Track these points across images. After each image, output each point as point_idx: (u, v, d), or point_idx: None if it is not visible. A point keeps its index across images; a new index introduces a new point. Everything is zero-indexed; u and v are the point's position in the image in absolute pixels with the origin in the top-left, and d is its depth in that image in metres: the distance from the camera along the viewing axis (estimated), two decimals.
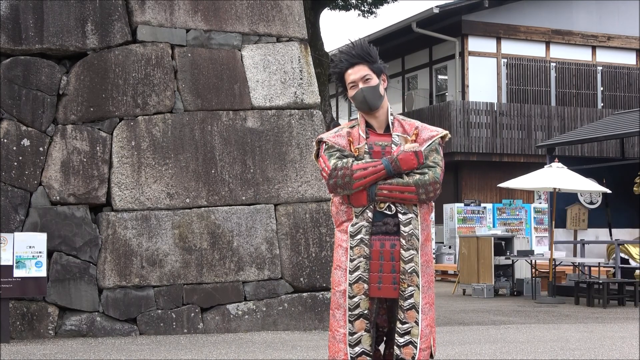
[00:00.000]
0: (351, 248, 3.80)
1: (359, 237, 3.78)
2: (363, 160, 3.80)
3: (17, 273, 8.07)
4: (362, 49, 3.90)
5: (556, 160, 14.41)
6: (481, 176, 23.07)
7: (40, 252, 8.17)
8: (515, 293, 14.85)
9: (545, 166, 14.63)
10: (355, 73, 3.89)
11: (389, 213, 3.79)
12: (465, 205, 21.03)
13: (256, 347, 7.80)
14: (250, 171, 9.18)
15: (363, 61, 3.89)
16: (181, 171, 8.97)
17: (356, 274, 3.78)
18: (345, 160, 3.80)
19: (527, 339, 8.55)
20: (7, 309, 8.01)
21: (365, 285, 3.77)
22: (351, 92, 3.91)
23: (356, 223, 3.80)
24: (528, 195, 22.74)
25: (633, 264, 14.34)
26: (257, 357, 7.17)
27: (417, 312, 3.77)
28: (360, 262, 3.78)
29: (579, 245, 15.45)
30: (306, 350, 7.51)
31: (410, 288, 3.77)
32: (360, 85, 3.87)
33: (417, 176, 3.78)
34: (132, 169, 8.83)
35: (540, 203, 21.99)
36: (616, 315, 11.52)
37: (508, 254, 14.99)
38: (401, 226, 3.78)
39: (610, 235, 15.97)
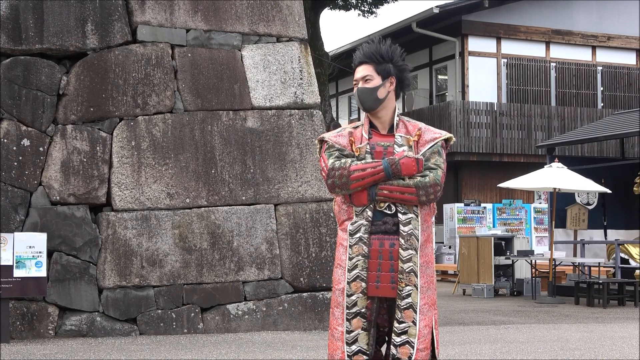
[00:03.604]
0: (350, 246, 3.81)
1: (357, 235, 3.80)
2: (363, 161, 3.80)
3: (17, 273, 8.07)
4: (374, 49, 3.90)
5: (556, 160, 14.41)
6: (481, 176, 23.06)
7: (40, 252, 8.17)
8: (515, 293, 14.85)
9: (545, 166, 14.62)
10: (359, 72, 3.92)
11: (389, 212, 3.80)
12: (465, 205, 21.02)
13: (256, 347, 7.80)
14: (250, 171, 9.18)
15: (370, 61, 3.90)
16: (181, 171, 8.97)
17: (354, 272, 3.79)
18: (343, 160, 3.81)
19: (527, 339, 8.55)
20: (7, 309, 8.01)
21: (363, 284, 3.78)
22: (354, 90, 3.96)
23: (356, 222, 3.81)
24: (528, 195, 22.74)
25: (633, 264, 14.33)
26: (257, 357, 7.17)
27: (415, 312, 3.76)
28: (359, 260, 3.79)
29: (579, 245, 15.45)
30: (306, 350, 7.51)
31: (408, 288, 3.76)
32: (360, 85, 3.89)
33: (418, 178, 3.78)
34: (132, 169, 8.83)
35: (540, 203, 21.99)
36: (616, 315, 11.52)
37: (508, 254, 14.98)
38: (400, 226, 3.78)
39: (605, 236, 15.95)
